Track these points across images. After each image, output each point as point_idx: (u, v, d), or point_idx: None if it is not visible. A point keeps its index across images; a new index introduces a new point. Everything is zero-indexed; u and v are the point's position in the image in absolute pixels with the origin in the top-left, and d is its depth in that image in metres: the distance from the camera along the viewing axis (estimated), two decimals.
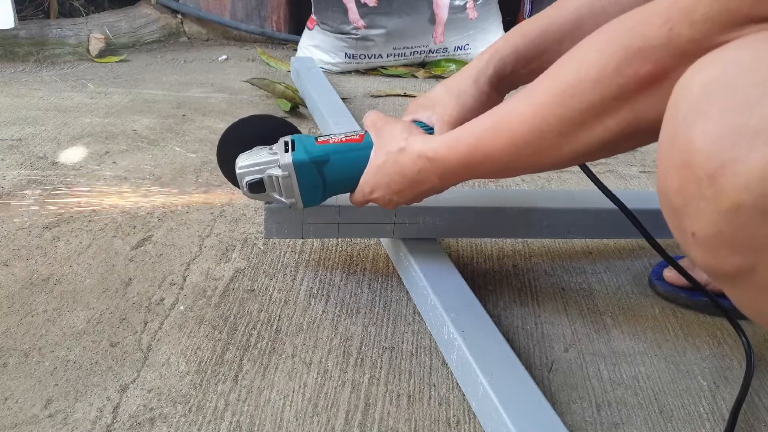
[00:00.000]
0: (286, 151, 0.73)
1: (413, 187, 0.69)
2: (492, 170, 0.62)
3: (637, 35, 0.47)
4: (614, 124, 0.51)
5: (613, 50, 0.48)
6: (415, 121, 0.74)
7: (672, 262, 0.78)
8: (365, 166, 0.72)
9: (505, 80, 0.72)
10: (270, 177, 0.73)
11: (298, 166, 0.72)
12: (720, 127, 0.37)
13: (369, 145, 0.72)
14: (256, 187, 0.74)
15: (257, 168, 0.73)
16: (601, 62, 0.49)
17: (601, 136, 0.52)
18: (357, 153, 0.72)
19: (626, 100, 0.49)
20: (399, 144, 0.68)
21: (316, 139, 0.74)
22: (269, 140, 0.76)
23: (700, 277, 0.79)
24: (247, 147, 0.76)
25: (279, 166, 0.72)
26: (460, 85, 0.72)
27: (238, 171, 0.74)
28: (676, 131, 0.40)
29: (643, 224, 0.77)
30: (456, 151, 0.63)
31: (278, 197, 0.75)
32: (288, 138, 0.75)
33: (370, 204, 0.75)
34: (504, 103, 0.59)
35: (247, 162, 0.74)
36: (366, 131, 0.74)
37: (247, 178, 0.74)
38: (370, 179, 0.72)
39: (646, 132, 0.51)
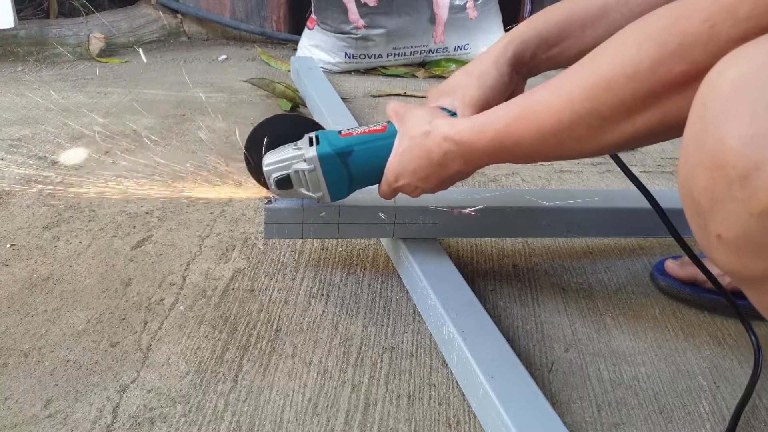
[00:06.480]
0: (311, 145, 0.73)
1: (439, 171, 0.67)
2: (516, 157, 0.62)
3: (675, 33, 0.45)
4: (642, 121, 0.50)
5: (650, 47, 0.47)
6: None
7: (697, 261, 0.76)
8: (389, 156, 0.72)
9: (526, 64, 0.72)
10: (296, 172, 0.74)
11: (323, 159, 0.72)
12: (754, 126, 0.36)
13: (393, 134, 0.72)
14: (284, 183, 0.75)
15: (283, 164, 0.74)
16: (637, 58, 0.48)
17: (628, 132, 0.51)
18: (380, 142, 0.72)
19: (657, 99, 0.48)
20: (423, 128, 0.67)
21: (340, 132, 0.74)
22: (294, 139, 0.77)
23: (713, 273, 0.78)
24: (273, 147, 0.77)
25: (305, 161, 0.73)
26: (480, 67, 0.71)
27: (265, 169, 0.75)
28: (704, 130, 0.39)
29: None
30: (483, 136, 0.61)
31: (306, 192, 0.75)
32: (312, 133, 0.75)
33: (374, 203, 0.74)
34: (533, 92, 0.58)
35: (273, 159, 0.75)
36: (389, 121, 0.74)
37: (275, 175, 0.75)
38: (394, 167, 0.71)
39: (670, 130, 0.50)
